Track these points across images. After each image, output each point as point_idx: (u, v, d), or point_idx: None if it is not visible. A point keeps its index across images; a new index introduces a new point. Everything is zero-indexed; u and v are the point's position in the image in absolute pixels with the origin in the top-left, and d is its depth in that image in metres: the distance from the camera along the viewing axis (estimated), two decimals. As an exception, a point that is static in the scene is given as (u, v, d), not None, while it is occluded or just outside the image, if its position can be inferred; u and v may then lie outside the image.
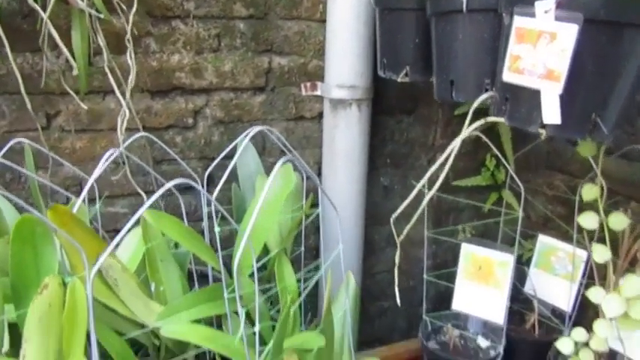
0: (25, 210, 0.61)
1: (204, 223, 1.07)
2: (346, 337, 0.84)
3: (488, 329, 1.21)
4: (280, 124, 1.21)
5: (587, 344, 0.88)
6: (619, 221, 0.81)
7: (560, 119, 0.57)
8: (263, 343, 0.74)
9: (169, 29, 1.07)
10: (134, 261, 0.84)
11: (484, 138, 1.08)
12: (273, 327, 0.81)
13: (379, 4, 1.00)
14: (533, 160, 1.37)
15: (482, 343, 1.18)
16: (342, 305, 0.84)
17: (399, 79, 0.98)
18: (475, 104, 0.69)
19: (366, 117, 1.17)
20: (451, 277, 1.25)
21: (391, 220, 0.90)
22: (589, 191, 0.84)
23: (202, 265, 1.08)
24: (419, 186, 0.84)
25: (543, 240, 1.27)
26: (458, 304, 1.24)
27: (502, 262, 1.18)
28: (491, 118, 0.67)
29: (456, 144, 0.75)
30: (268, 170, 1.16)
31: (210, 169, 1.03)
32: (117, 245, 0.73)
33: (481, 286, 1.20)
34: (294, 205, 1.07)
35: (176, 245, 1.06)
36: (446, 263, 1.39)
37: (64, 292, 0.66)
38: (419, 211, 0.86)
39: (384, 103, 1.28)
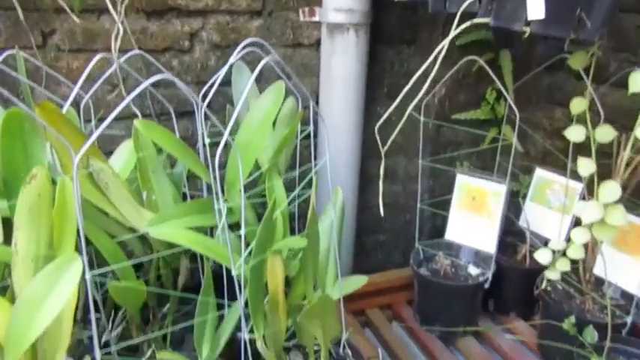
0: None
1: (200, 145, 1.08)
2: (332, 250, 0.85)
3: (479, 259, 1.22)
4: (278, 51, 1.20)
5: (564, 254, 0.89)
6: (606, 133, 0.80)
7: (545, 14, 0.56)
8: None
9: (164, -53, 1.06)
10: (126, 170, 0.86)
11: (482, 63, 1.06)
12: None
13: None
14: (534, 94, 1.35)
15: (473, 271, 1.20)
16: (329, 219, 0.86)
17: (395, -3, 0.96)
18: (463, 7, 0.68)
19: (363, 43, 1.16)
20: (446, 208, 1.26)
21: (375, 129, 0.90)
22: (578, 104, 0.83)
23: (198, 190, 1.11)
24: (402, 95, 0.83)
25: (540, 173, 1.27)
26: (451, 233, 1.25)
27: (495, 192, 1.18)
28: (477, 20, 0.65)
29: (444, 43, 0.73)
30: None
31: (204, 90, 1.03)
32: (102, 142, 0.72)
33: (474, 216, 1.21)
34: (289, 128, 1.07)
35: (172, 166, 1.08)
36: (443, 196, 1.40)
37: (53, 188, 0.68)
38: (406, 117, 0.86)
39: (384, 32, 1.26)
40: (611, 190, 0.74)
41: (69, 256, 0.64)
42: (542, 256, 0.93)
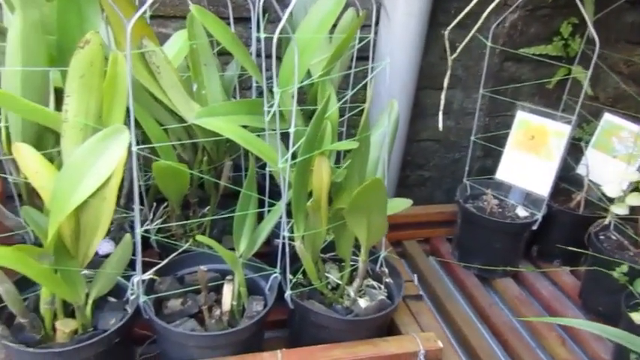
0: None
1: (253, 48, 1.05)
2: (381, 161, 0.82)
3: (529, 201, 1.16)
4: (341, -40, 1.13)
5: (637, 189, 0.83)
6: None
7: None
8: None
9: None
10: (178, 58, 0.84)
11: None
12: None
13: None
14: (614, 32, 1.24)
15: (521, 213, 1.15)
16: (382, 129, 0.82)
17: None
18: None
19: (436, -43, 1.08)
20: (500, 145, 1.19)
21: (446, 34, 0.83)
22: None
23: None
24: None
25: (609, 118, 1.18)
26: (502, 173, 1.19)
27: (558, 131, 1.11)
28: None
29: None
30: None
31: None
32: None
33: (530, 156, 1.15)
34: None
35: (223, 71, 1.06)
36: (497, 138, 1.33)
37: (105, 61, 0.67)
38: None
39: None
40: None
41: (117, 126, 0.63)
42: (611, 189, 0.87)
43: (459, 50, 0.86)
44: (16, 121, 0.71)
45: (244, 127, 0.81)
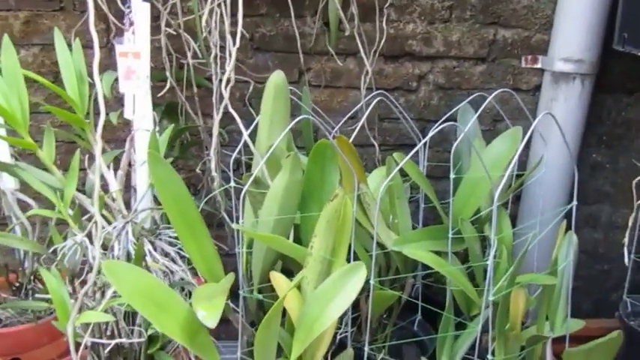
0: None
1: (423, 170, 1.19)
2: (564, 290, 0.90)
3: (698, 322, 1.16)
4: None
5: None
6: None
7: None
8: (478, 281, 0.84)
9: (408, 0, 1.20)
10: (376, 193, 1.00)
11: None
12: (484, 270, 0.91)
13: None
14: None
15: (690, 334, 1.14)
16: (565, 261, 0.90)
17: (640, 54, 0.99)
18: None
19: (587, 93, 1.19)
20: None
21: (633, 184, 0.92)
22: None
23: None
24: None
25: None
26: (664, 291, 1.20)
27: None
28: None
29: None
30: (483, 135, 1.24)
31: (432, 131, 1.14)
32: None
33: (695, 276, 1.15)
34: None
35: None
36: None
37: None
38: None
39: (606, 80, 1.26)
40: None
41: (357, 264, 0.78)
42: None
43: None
44: (260, 249, 0.89)
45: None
